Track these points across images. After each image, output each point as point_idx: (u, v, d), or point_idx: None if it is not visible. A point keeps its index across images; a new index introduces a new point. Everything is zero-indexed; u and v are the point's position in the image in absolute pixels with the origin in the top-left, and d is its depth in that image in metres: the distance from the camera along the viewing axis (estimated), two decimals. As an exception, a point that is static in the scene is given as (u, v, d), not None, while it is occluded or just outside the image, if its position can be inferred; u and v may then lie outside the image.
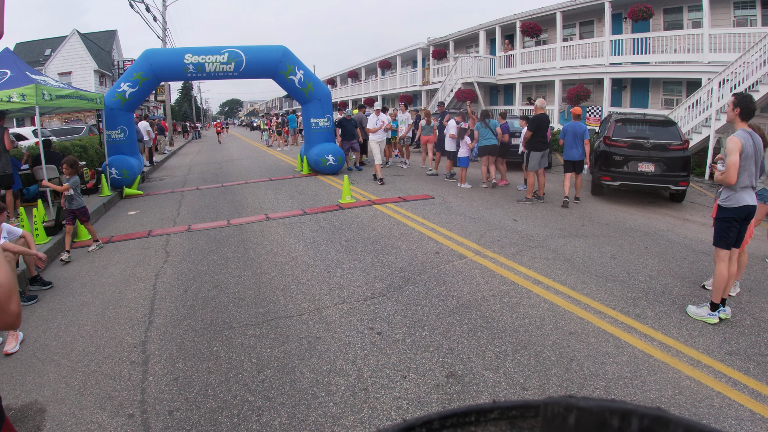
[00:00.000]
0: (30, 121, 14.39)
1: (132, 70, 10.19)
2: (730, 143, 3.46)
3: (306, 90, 11.16)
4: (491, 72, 18.80)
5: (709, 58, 11.91)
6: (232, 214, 7.54)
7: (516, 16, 17.68)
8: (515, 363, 3.01)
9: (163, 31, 23.55)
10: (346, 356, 3.14)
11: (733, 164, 3.43)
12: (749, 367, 2.95)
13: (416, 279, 4.46)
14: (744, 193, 3.53)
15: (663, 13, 14.11)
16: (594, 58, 14.94)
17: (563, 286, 4.24)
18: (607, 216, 6.89)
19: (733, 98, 3.56)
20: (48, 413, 2.66)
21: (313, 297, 4.13)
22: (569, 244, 5.47)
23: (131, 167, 9.92)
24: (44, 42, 30.86)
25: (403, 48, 24.89)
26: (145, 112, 28.16)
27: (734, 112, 3.54)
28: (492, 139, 8.90)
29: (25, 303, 4.22)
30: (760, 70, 9.46)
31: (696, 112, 10.80)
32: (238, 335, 3.48)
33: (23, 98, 6.47)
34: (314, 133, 11.52)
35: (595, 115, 15.31)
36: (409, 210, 7.27)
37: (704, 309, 3.62)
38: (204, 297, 4.21)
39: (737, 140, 3.44)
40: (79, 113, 21.87)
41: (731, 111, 3.57)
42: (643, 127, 8.07)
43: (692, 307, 3.71)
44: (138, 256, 5.53)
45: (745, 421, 2.46)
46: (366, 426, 2.46)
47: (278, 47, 10.96)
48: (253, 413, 2.59)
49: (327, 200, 8.23)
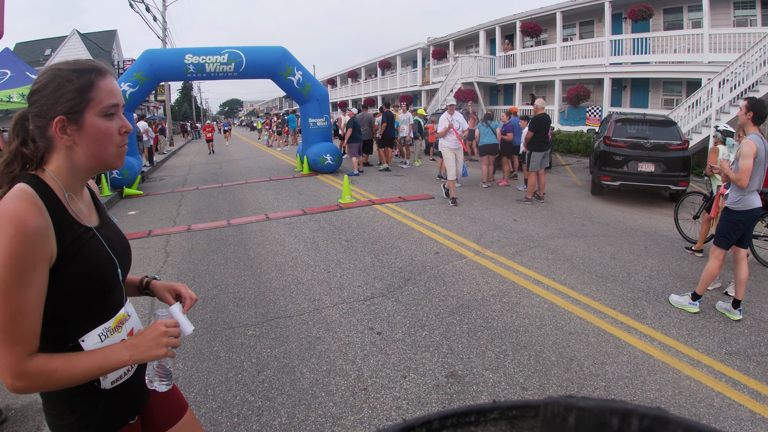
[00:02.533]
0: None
1: (132, 70, 10.19)
2: (746, 147, 3.46)
3: (305, 90, 11.18)
4: (491, 72, 18.81)
5: (709, 58, 11.92)
6: (232, 214, 7.54)
7: (516, 16, 17.68)
8: (515, 363, 3.01)
9: (163, 31, 23.56)
10: (346, 356, 3.14)
11: (747, 169, 3.44)
12: (749, 367, 2.95)
13: (416, 279, 4.46)
14: (753, 196, 3.58)
15: (663, 13, 14.11)
16: (594, 58, 14.94)
17: (563, 286, 4.24)
18: (607, 216, 6.89)
19: (747, 102, 3.56)
20: (48, 413, 2.66)
21: (313, 297, 4.13)
22: (569, 244, 5.47)
23: (131, 167, 9.92)
24: (44, 42, 30.87)
25: (403, 48, 24.89)
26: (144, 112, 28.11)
27: (747, 116, 3.54)
28: (492, 138, 8.91)
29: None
30: (760, 70, 9.47)
31: (696, 112, 10.80)
32: (238, 335, 3.48)
33: (23, 98, 6.47)
34: (312, 133, 11.56)
35: (595, 115, 15.32)
36: (409, 210, 7.27)
37: (686, 298, 3.77)
38: (204, 297, 4.21)
39: (753, 145, 3.44)
40: (79, 113, 21.85)
41: (744, 115, 3.56)
42: (643, 127, 8.07)
43: (674, 296, 3.88)
44: (138, 256, 5.53)
45: (745, 421, 2.46)
46: (366, 426, 2.46)
47: (277, 48, 10.97)
48: (253, 413, 2.59)
49: (327, 200, 8.23)
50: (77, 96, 0.98)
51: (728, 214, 3.64)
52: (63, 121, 0.98)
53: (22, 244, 0.89)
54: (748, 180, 3.46)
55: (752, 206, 3.56)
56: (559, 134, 14.71)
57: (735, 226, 3.60)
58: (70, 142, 1.00)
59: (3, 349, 0.90)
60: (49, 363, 0.94)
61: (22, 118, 1.03)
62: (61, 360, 0.95)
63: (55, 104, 0.98)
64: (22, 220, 0.90)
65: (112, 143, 1.04)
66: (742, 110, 3.59)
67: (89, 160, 1.03)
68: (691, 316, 3.67)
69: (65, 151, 1.01)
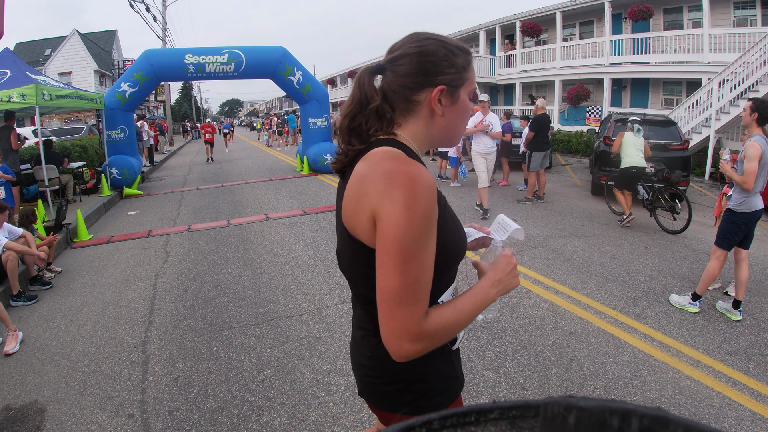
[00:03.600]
0: (30, 121, 14.37)
1: (132, 69, 10.19)
2: (751, 149, 3.45)
3: (305, 90, 11.18)
4: (491, 72, 18.81)
5: (709, 58, 11.92)
6: (232, 214, 7.54)
7: (516, 16, 17.69)
8: (515, 363, 3.01)
9: (163, 31, 23.55)
10: (347, 356, 3.13)
11: (753, 171, 3.43)
12: (749, 367, 2.95)
13: (416, 279, 4.46)
14: (756, 198, 3.57)
15: (663, 13, 14.11)
16: (594, 58, 14.94)
17: (563, 286, 4.24)
18: (607, 216, 6.89)
19: (751, 103, 3.55)
20: (48, 413, 2.66)
21: (314, 297, 4.13)
22: (569, 244, 5.47)
23: (131, 167, 9.93)
24: (44, 42, 30.85)
25: (403, 48, 24.86)
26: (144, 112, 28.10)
27: (751, 117, 3.53)
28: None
29: (25, 303, 4.22)
30: (760, 70, 9.46)
31: (696, 112, 10.80)
32: (238, 335, 3.48)
33: (23, 98, 6.47)
34: (312, 133, 11.57)
35: (595, 115, 15.32)
36: (409, 210, 7.25)
37: (686, 298, 3.78)
38: (204, 297, 4.21)
39: (758, 147, 3.43)
40: (79, 113, 21.87)
41: (748, 116, 3.55)
42: (643, 127, 8.06)
43: (675, 296, 3.89)
44: (138, 256, 5.53)
45: (745, 421, 2.46)
46: (366, 426, 2.46)
47: (277, 48, 10.98)
48: (253, 413, 2.59)
49: (327, 200, 8.23)
50: (460, 71, 0.99)
51: (731, 215, 3.63)
52: (444, 90, 0.98)
53: (431, 201, 0.88)
54: (753, 182, 3.44)
55: (755, 208, 3.56)
56: (559, 134, 14.70)
57: (737, 228, 3.60)
58: (440, 112, 1.00)
59: (403, 310, 0.87)
60: (441, 316, 0.91)
61: (370, 73, 1.01)
62: (449, 310, 0.93)
63: (434, 73, 0.97)
64: (425, 177, 0.89)
65: (465, 123, 1.07)
66: (746, 111, 3.57)
67: (443, 133, 1.04)
68: (691, 316, 3.67)
69: (427, 118, 1.01)
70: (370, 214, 0.90)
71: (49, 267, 4.99)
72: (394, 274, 0.86)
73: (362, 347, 1.09)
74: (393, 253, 0.86)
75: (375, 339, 1.03)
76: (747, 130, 3.63)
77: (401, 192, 0.86)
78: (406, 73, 0.98)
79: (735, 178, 3.55)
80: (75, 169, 9.12)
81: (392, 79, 0.99)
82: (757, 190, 3.53)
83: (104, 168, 9.67)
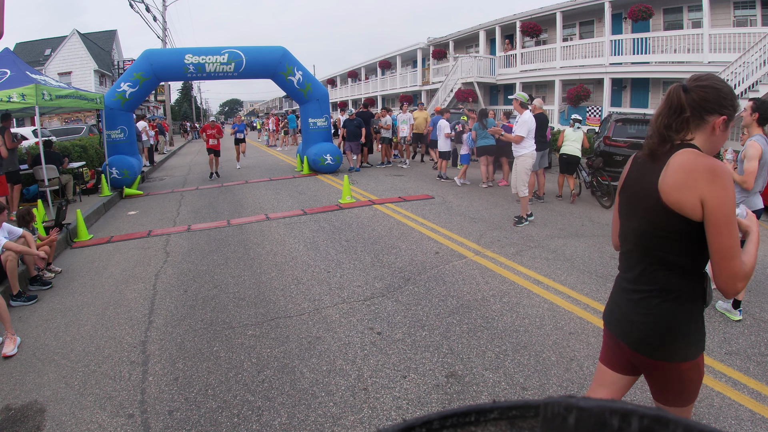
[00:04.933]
0: (30, 121, 14.39)
1: (132, 69, 10.19)
2: (751, 149, 3.45)
3: (305, 90, 11.18)
4: (491, 72, 18.81)
5: (709, 58, 11.91)
6: (232, 214, 7.54)
7: (516, 16, 17.68)
8: (515, 363, 3.01)
9: (163, 31, 23.56)
10: (346, 356, 3.13)
11: (753, 171, 3.44)
12: (749, 367, 2.95)
13: (416, 279, 4.46)
14: (756, 198, 3.58)
15: (663, 13, 14.11)
16: (594, 58, 14.93)
17: (563, 286, 4.24)
18: (607, 216, 6.89)
19: (752, 103, 3.55)
20: (48, 413, 2.66)
21: (313, 297, 4.13)
22: (569, 244, 5.47)
23: (131, 167, 9.93)
24: (44, 42, 30.86)
25: (403, 48, 24.89)
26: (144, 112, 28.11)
27: (752, 117, 3.53)
28: (489, 139, 8.90)
29: (25, 303, 4.22)
30: (760, 70, 9.47)
31: (696, 112, 10.78)
32: (238, 335, 3.48)
33: (23, 98, 6.47)
34: (312, 133, 11.56)
35: (595, 115, 15.32)
36: (409, 210, 7.27)
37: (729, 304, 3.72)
38: (204, 297, 4.21)
39: (758, 147, 3.44)
40: (79, 113, 21.87)
41: (748, 116, 3.55)
42: (643, 127, 8.07)
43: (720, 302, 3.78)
44: (138, 256, 5.53)
45: (745, 421, 2.46)
46: (366, 426, 2.46)
47: (277, 48, 10.97)
48: (253, 413, 2.59)
49: (327, 200, 8.23)
50: (734, 111, 1.43)
51: None
52: (725, 120, 1.42)
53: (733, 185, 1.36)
54: (753, 182, 3.45)
55: (755, 207, 3.56)
56: (559, 134, 14.68)
57: None
58: (714, 135, 1.43)
59: (735, 260, 1.32)
60: (749, 260, 1.36)
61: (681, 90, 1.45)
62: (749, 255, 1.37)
63: (723, 107, 1.41)
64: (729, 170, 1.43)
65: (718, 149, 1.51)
66: (747, 111, 3.57)
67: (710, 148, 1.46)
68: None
69: (707, 136, 1.44)
70: (698, 196, 1.32)
71: (49, 267, 4.99)
72: (729, 236, 1.31)
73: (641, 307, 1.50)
74: (726, 224, 1.31)
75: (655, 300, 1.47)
76: (747, 130, 3.63)
77: (722, 180, 1.32)
78: (709, 99, 1.41)
79: (735, 178, 3.55)
80: (75, 169, 9.12)
81: (695, 99, 1.42)
82: (756, 189, 3.53)
83: (104, 168, 9.67)
